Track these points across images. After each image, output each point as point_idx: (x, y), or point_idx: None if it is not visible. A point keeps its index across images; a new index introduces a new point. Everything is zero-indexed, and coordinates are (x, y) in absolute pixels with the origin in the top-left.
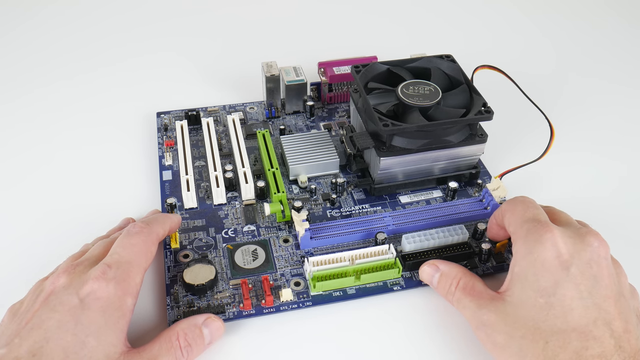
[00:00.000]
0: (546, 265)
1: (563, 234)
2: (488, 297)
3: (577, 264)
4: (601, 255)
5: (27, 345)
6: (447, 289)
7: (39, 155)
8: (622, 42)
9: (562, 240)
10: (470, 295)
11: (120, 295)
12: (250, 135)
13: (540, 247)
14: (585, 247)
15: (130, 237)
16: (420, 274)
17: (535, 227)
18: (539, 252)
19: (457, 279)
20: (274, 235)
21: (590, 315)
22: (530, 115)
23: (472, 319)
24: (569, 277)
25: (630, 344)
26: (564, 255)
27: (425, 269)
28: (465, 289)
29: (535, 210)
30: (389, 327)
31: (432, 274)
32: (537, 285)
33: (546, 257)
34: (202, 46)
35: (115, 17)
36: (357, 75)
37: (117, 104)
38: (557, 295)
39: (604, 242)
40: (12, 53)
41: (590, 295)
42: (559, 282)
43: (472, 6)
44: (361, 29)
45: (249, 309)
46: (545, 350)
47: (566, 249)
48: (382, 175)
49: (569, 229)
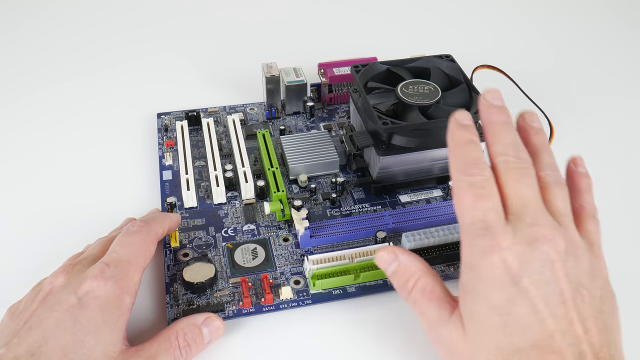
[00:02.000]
0: (496, 283)
1: (511, 243)
2: (449, 308)
3: (528, 275)
4: (552, 258)
5: (25, 345)
6: (402, 284)
7: (41, 156)
8: (620, 43)
9: (510, 253)
10: (429, 301)
11: (119, 294)
12: (251, 135)
13: (486, 264)
14: (534, 254)
15: (129, 235)
16: (375, 259)
17: (482, 236)
18: (486, 269)
19: (416, 278)
20: (274, 234)
21: (547, 329)
22: None
23: (429, 330)
24: (521, 291)
25: (592, 343)
26: (513, 268)
27: (383, 255)
28: (424, 292)
29: (483, 205)
30: (389, 325)
31: (389, 262)
32: (489, 302)
33: (495, 275)
34: (203, 47)
35: (116, 18)
36: (356, 75)
37: (118, 105)
38: (512, 314)
39: (554, 240)
40: (13, 54)
41: (545, 306)
42: (512, 299)
43: (471, 6)
44: (361, 29)
45: (249, 307)
46: None
47: (515, 260)
48: (381, 174)
49: (517, 233)
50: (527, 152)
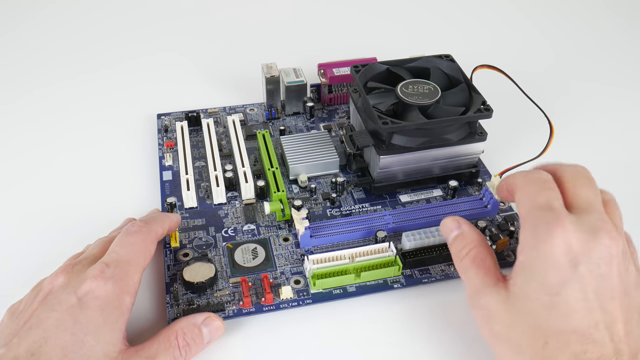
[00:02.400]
0: (554, 262)
1: (575, 229)
2: (494, 278)
3: (586, 262)
4: (612, 253)
5: (25, 345)
6: (458, 251)
7: (40, 156)
8: (620, 42)
9: (574, 236)
10: (477, 268)
11: (119, 294)
12: (250, 136)
13: (549, 242)
14: (596, 244)
15: (129, 235)
16: (441, 226)
17: (546, 217)
18: (548, 247)
19: (472, 246)
20: (274, 234)
21: (593, 318)
22: (530, 114)
23: (471, 295)
24: (577, 276)
25: (630, 346)
26: (574, 252)
27: (447, 222)
28: (475, 260)
29: (549, 193)
30: (389, 325)
31: (452, 229)
32: (543, 281)
33: (555, 253)
34: (203, 48)
35: (115, 18)
36: (356, 75)
37: (118, 105)
38: (562, 295)
39: (616, 238)
40: (13, 54)
41: (595, 297)
42: (566, 282)
43: (471, 6)
44: (361, 30)
45: (249, 306)
46: (544, 349)
47: (577, 245)
48: (382, 174)
49: (582, 222)
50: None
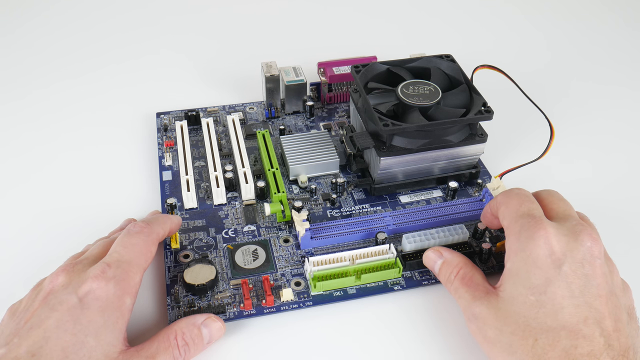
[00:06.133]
0: (538, 263)
1: (557, 232)
2: (483, 291)
3: (569, 262)
4: (594, 254)
5: (26, 345)
6: (447, 276)
7: (40, 156)
8: (620, 42)
9: (556, 238)
10: (467, 286)
11: (120, 294)
12: (250, 135)
13: (532, 245)
14: (578, 245)
15: (130, 236)
16: (423, 258)
17: (528, 223)
18: (531, 250)
19: (458, 268)
20: (274, 235)
21: (581, 314)
22: (530, 115)
23: (465, 310)
24: (561, 275)
25: (620, 342)
26: (557, 253)
27: (429, 254)
28: (463, 279)
29: (529, 205)
30: (390, 327)
31: (435, 260)
32: (529, 282)
33: (538, 255)
34: (202, 46)
35: (115, 17)
36: (356, 75)
37: (117, 105)
38: (548, 294)
39: (597, 240)
40: (12, 54)
41: (581, 294)
42: (551, 280)
43: (471, 6)
44: (361, 29)
45: (250, 308)
46: (534, 347)
47: (559, 247)
48: (382, 175)
49: (563, 226)
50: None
